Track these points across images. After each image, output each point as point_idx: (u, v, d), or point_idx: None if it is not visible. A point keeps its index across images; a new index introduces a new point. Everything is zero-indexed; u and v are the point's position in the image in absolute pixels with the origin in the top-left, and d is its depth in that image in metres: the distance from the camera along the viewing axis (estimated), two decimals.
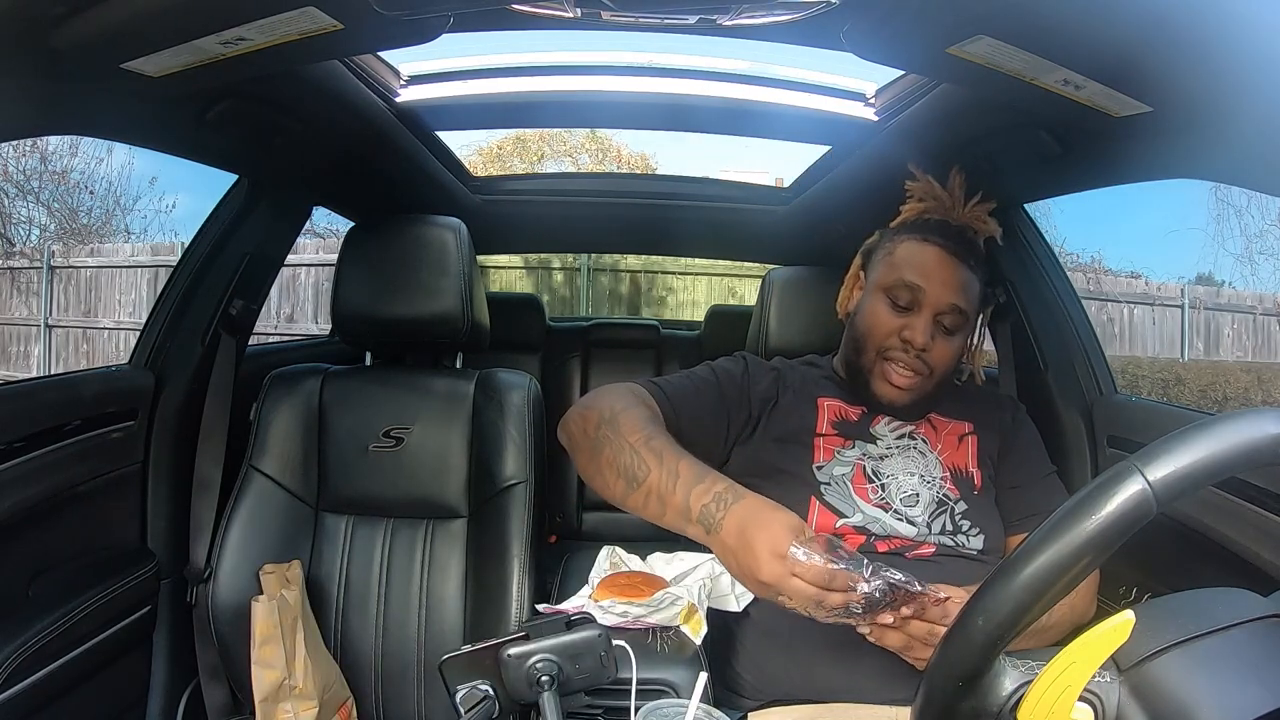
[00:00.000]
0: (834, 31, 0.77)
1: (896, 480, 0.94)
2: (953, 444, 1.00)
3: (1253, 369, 6.53)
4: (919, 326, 0.94)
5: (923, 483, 0.94)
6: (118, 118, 0.89)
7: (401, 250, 1.19)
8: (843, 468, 0.95)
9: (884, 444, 0.98)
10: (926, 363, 0.95)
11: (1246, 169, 0.82)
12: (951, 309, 0.95)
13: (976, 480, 0.97)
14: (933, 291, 0.95)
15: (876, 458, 0.96)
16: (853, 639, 0.83)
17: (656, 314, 6.78)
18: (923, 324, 0.94)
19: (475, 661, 0.68)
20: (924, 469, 0.95)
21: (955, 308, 0.95)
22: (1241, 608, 0.46)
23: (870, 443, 0.98)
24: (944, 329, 0.96)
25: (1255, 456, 0.41)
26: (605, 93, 1.27)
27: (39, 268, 7.48)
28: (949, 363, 0.97)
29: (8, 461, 0.94)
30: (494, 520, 1.12)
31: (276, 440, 1.17)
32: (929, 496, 0.93)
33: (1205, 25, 0.60)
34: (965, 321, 0.97)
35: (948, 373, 0.98)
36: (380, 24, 0.71)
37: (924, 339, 0.94)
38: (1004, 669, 0.45)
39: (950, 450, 0.99)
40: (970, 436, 1.00)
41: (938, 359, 0.95)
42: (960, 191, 1.05)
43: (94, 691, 1.03)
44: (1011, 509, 0.98)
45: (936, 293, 0.95)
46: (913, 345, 0.94)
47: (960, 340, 0.98)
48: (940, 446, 0.99)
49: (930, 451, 0.98)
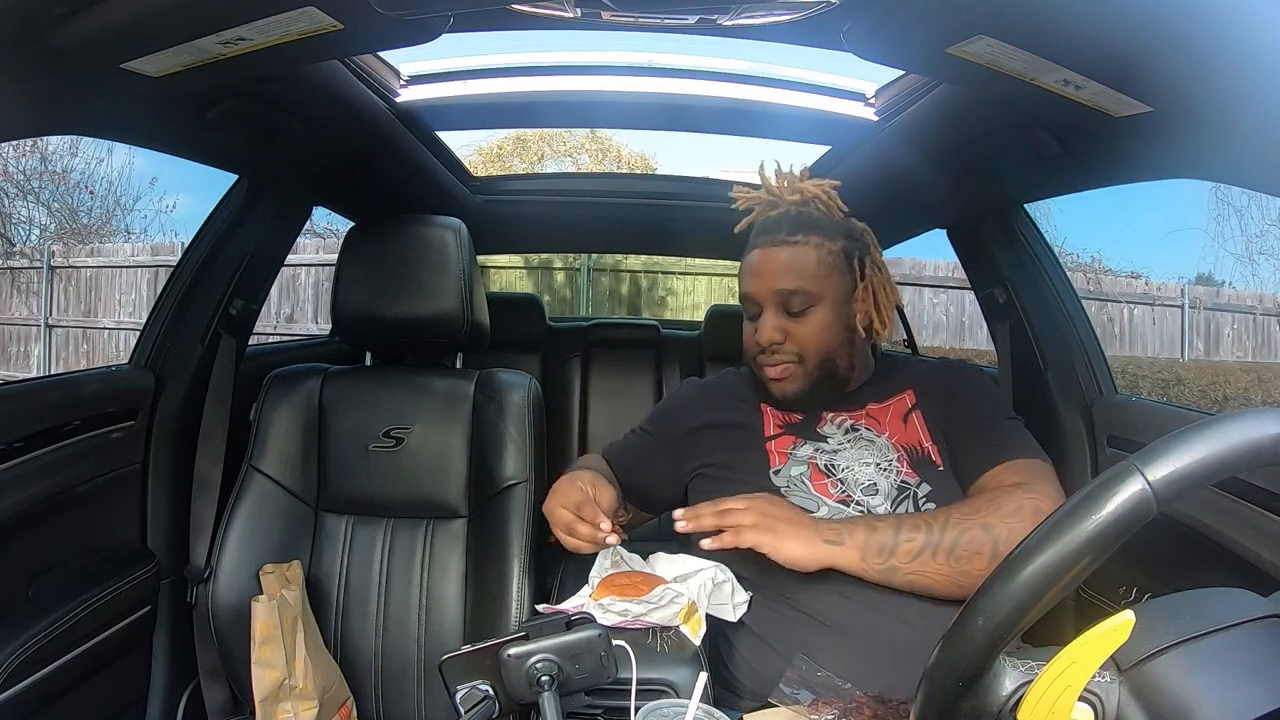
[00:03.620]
0: (834, 31, 0.77)
1: (853, 472, 0.95)
2: (899, 425, 0.99)
3: (1253, 369, 6.53)
4: (763, 326, 0.99)
5: (879, 471, 0.94)
6: (118, 118, 0.89)
7: (401, 250, 1.19)
8: (798, 467, 0.96)
9: (835, 440, 0.98)
10: (792, 350, 0.98)
11: (1246, 169, 0.82)
12: (784, 294, 0.96)
13: (934, 456, 0.95)
14: (760, 290, 0.98)
15: (830, 452, 0.97)
16: (846, 642, 0.84)
17: (657, 315, 6.77)
18: (766, 323, 0.98)
19: (475, 661, 0.68)
20: (878, 456, 0.95)
21: (787, 291, 0.96)
22: (1241, 608, 0.46)
23: (822, 441, 0.99)
24: (791, 313, 0.97)
25: (1255, 456, 0.41)
26: (605, 93, 1.27)
27: (39, 268, 7.49)
28: (817, 339, 0.97)
29: (8, 461, 0.94)
30: (494, 520, 1.12)
31: (276, 440, 1.17)
32: (887, 485, 0.93)
33: (1205, 25, 0.60)
34: (812, 296, 0.96)
35: (825, 347, 0.98)
36: (380, 24, 0.71)
37: (769, 335, 0.97)
38: (1004, 669, 0.45)
39: (899, 431, 0.98)
40: (915, 412, 0.99)
41: (802, 341, 0.97)
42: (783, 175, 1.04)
43: (94, 691, 1.03)
44: (969, 460, 0.94)
45: (763, 289, 0.98)
46: (762, 345, 0.99)
47: (822, 315, 0.97)
48: (888, 431, 0.98)
49: (879, 437, 0.97)
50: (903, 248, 1.82)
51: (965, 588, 0.80)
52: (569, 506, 0.88)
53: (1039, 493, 0.83)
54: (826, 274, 0.97)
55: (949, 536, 0.80)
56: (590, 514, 0.87)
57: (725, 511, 0.83)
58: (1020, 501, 0.82)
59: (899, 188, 1.34)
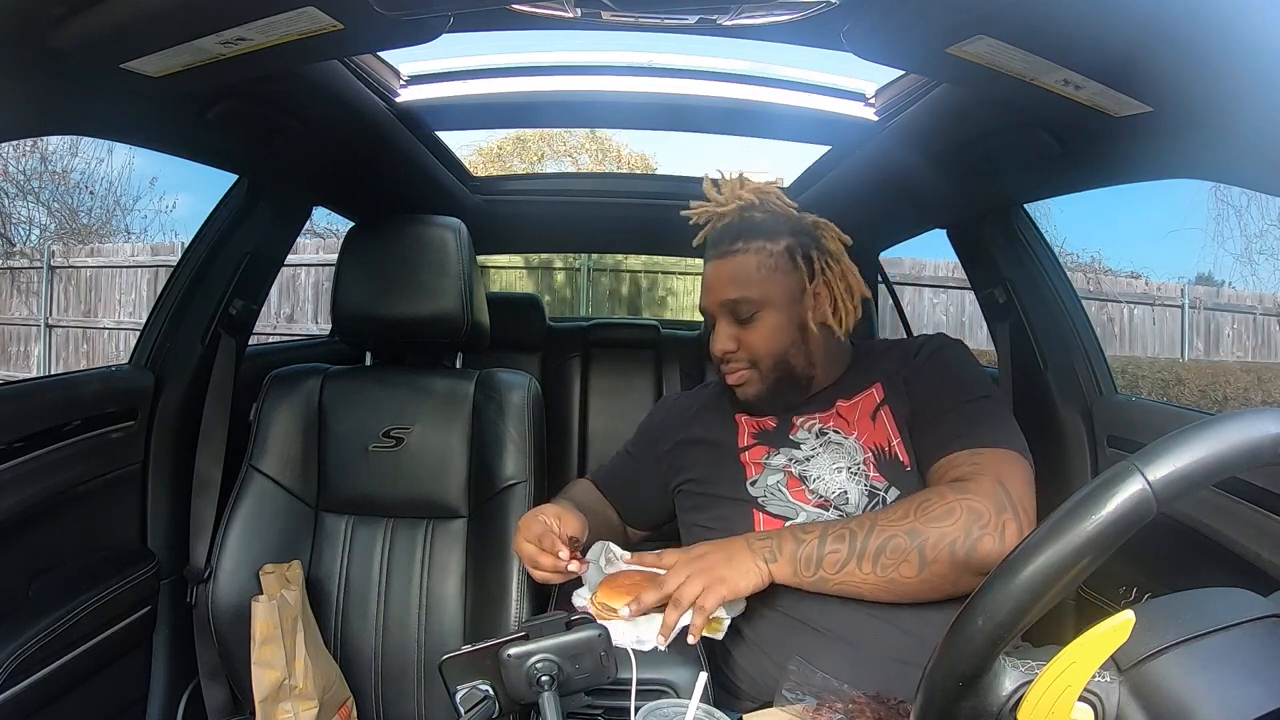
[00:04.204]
0: (834, 31, 0.77)
1: (824, 480, 0.94)
2: (867, 424, 0.97)
3: (1253, 369, 6.53)
4: (716, 337, 1.00)
5: (850, 477, 0.93)
6: (118, 118, 0.89)
7: (401, 250, 1.19)
8: (774, 475, 0.96)
9: (808, 447, 0.98)
10: (745, 357, 0.99)
11: (1246, 169, 0.82)
12: (730, 304, 0.98)
13: (902, 457, 0.93)
14: (710, 302, 1.01)
15: (803, 460, 0.97)
16: (840, 647, 0.84)
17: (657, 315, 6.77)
18: (718, 334, 1.00)
19: (475, 661, 0.68)
20: (848, 460, 0.94)
21: (732, 301, 0.97)
22: (1241, 608, 0.46)
23: (795, 448, 0.98)
24: (741, 321, 0.98)
25: (1255, 456, 0.41)
26: (605, 93, 1.27)
27: (39, 268, 7.49)
28: (767, 343, 0.97)
29: (8, 461, 0.94)
30: (494, 520, 1.12)
31: (276, 440, 1.17)
32: (857, 491, 0.92)
33: (1205, 25, 0.60)
34: (755, 303, 0.96)
35: (777, 350, 0.97)
36: (380, 24, 0.71)
37: (721, 345, 0.99)
38: (1004, 669, 0.45)
39: (867, 431, 0.96)
40: (883, 407, 0.97)
41: (753, 348, 0.98)
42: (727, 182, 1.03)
43: (94, 691, 1.03)
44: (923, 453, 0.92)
45: (711, 301, 1.00)
46: (717, 356, 1.00)
47: (769, 319, 0.97)
48: (856, 431, 0.97)
49: (847, 439, 0.96)
50: (903, 248, 1.82)
51: (899, 593, 0.80)
52: (531, 540, 0.89)
53: (976, 491, 0.80)
54: (768, 277, 0.97)
55: (873, 544, 0.79)
56: (549, 544, 0.87)
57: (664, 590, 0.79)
58: (953, 502, 0.79)
59: (899, 188, 1.34)
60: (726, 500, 0.97)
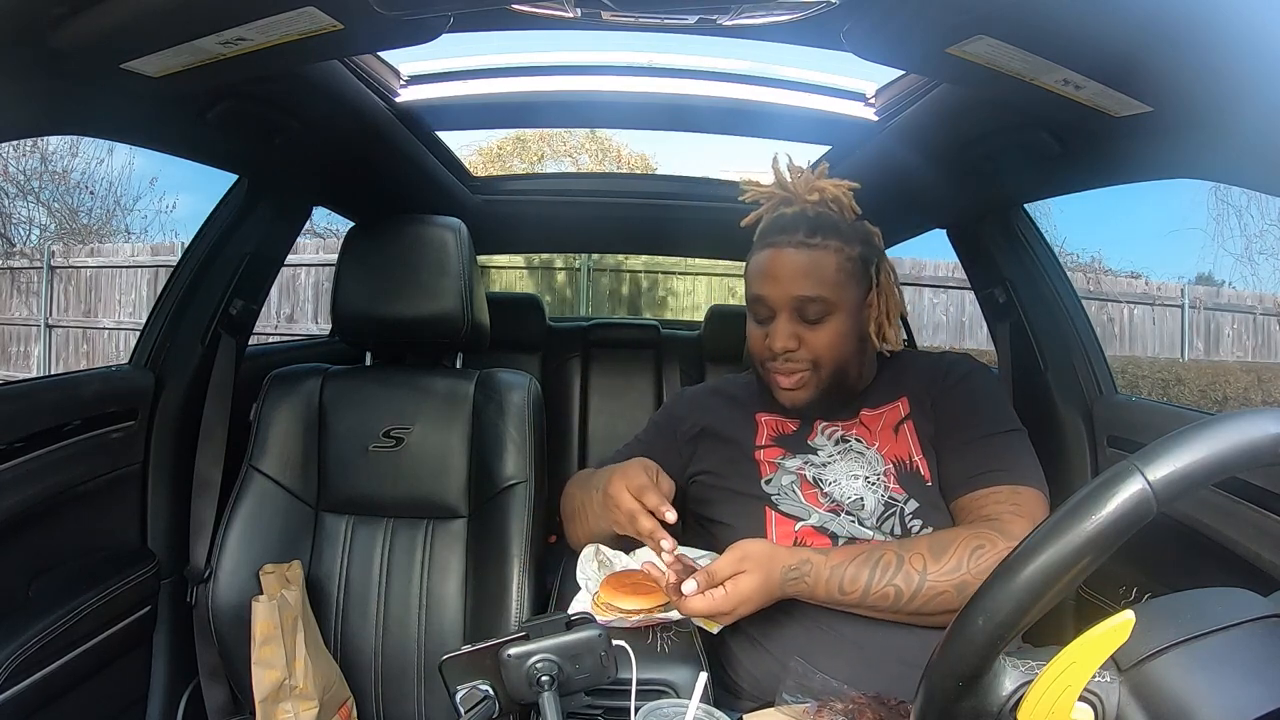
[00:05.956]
0: (834, 31, 0.77)
1: (840, 486, 0.93)
2: (890, 436, 0.96)
3: (1253, 369, 6.53)
4: (776, 333, 0.94)
5: (867, 485, 0.93)
6: (118, 118, 0.89)
7: (401, 250, 1.19)
8: (788, 476, 0.96)
9: (825, 453, 0.97)
10: (806, 358, 0.94)
11: (1246, 169, 0.82)
12: (802, 301, 0.92)
13: (924, 471, 0.93)
14: (777, 294, 0.94)
15: (819, 465, 0.96)
16: (841, 644, 0.84)
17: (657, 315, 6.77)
18: (780, 329, 0.94)
19: (475, 661, 0.68)
20: (867, 469, 0.94)
21: (805, 299, 0.92)
22: (1241, 608, 0.46)
23: (811, 454, 0.98)
24: (807, 321, 0.93)
25: (1255, 456, 0.41)
26: (605, 93, 1.27)
27: (39, 268, 7.49)
28: (833, 348, 0.94)
29: (8, 461, 0.94)
30: (494, 520, 1.12)
31: (276, 440, 1.17)
32: (874, 500, 0.92)
33: (1205, 25, 0.60)
34: (829, 304, 0.92)
35: (840, 357, 0.94)
36: (380, 24, 0.71)
37: (783, 343, 0.93)
38: (1004, 669, 0.45)
39: (889, 443, 0.96)
40: (906, 422, 0.97)
41: (817, 350, 0.94)
42: (799, 171, 0.99)
43: (94, 691, 1.03)
44: (950, 479, 0.92)
45: (781, 294, 0.93)
46: (775, 352, 0.94)
47: (837, 323, 0.93)
48: (878, 442, 0.96)
49: (869, 449, 0.96)
50: (903, 248, 1.82)
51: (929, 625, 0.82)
52: (633, 490, 0.83)
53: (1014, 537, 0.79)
54: (845, 281, 0.93)
55: (918, 602, 0.79)
56: (654, 501, 0.82)
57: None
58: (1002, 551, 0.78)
59: (899, 188, 1.34)
60: (740, 496, 0.97)
